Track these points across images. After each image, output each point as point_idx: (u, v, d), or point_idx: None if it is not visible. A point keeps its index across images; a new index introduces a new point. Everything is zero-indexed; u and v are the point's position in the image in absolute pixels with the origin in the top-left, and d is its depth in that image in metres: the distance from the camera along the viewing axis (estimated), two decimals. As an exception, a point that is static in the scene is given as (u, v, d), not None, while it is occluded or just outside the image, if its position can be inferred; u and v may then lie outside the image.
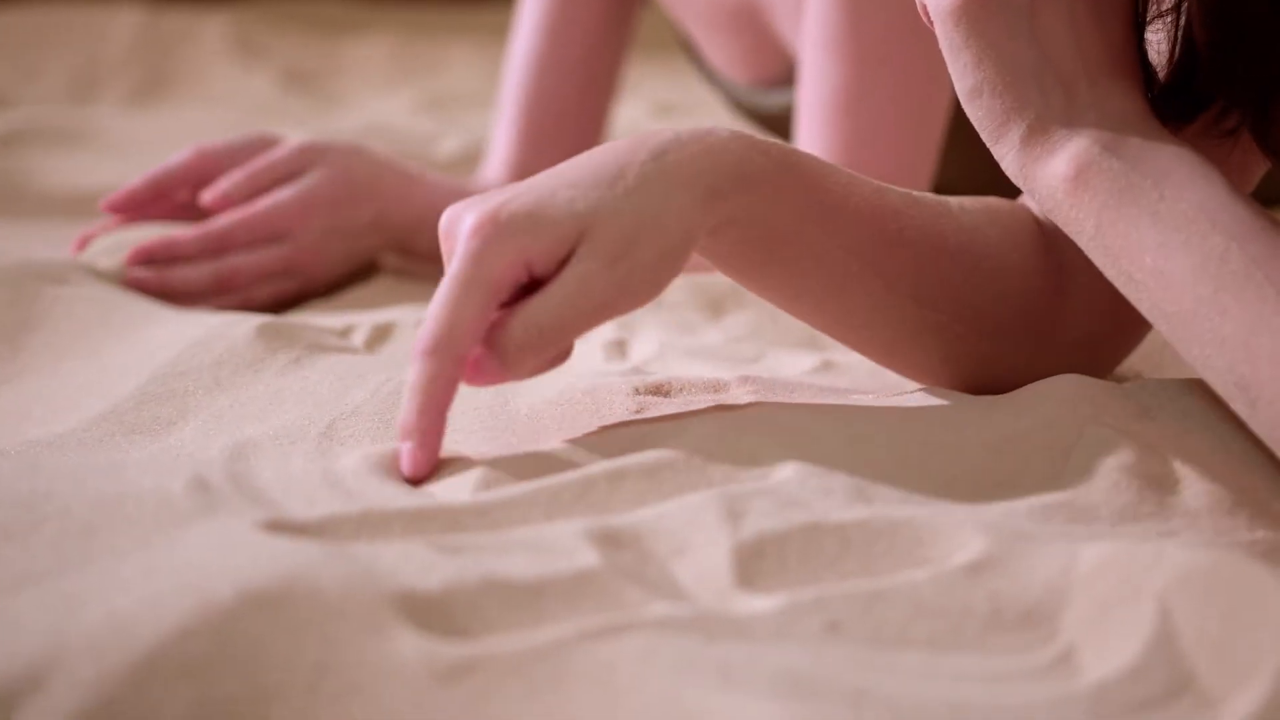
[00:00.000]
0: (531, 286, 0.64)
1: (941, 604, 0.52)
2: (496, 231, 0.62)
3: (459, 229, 0.64)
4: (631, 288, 0.64)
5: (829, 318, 0.73)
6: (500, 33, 2.60)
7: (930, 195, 0.74)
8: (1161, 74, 0.68)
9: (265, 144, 1.11)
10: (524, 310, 0.63)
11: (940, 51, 0.68)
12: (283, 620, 0.48)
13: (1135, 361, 0.88)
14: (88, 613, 0.48)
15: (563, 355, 0.67)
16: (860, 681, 0.47)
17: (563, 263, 0.63)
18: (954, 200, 0.75)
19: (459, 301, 0.62)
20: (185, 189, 1.10)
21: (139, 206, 1.09)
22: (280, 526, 0.56)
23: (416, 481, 0.63)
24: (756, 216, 0.67)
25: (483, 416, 0.72)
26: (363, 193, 1.09)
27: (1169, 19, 0.66)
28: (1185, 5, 0.65)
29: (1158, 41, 0.68)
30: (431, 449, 0.63)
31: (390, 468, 0.65)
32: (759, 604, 0.52)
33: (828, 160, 0.76)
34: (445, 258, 0.65)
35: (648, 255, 0.63)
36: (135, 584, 0.50)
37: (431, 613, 0.50)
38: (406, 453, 0.63)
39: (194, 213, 1.10)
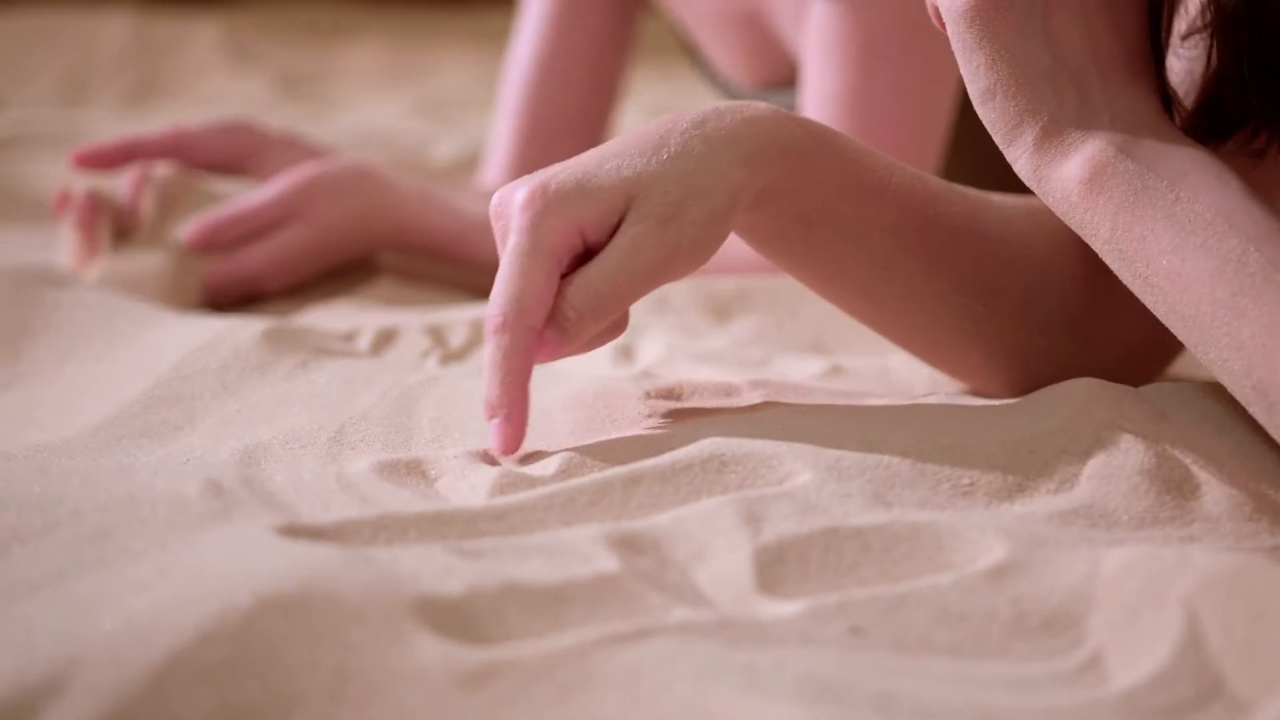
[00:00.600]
0: (585, 259, 0.65)
1: (965, 609, 0.51)
2: (547, 202, 0.64)
3: (510, 207, 0.65)
4: (683, 248, 0.65)
5: (868, 303, 0.74)
6: (492, 37, 2.59)
7: (970, 188, 0.75)
8: (1195, 92, 0.68)
9: (241, 130, 1.15)
10: (580, 277, 0.64)
11: (942, 50, 0.68)
12: (302, 625, 0.48)
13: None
14: (105, 617, 0.47)
15: (619, 326, 0.69)
16: (886, 687, 0.47)
17: (614, 230, 0.65)
18: (994, 195, 0.76)
19: (522, 272, 0.63)
20: (155, 160, 1.12)
21: (106, 165, 1.11)
22: (296, 530, 0.55)
23: (509, 455, 0.64)
24: (795, 189, 0.68)
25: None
26: (345, 242, 1.11)
27: (1203, 35, 0.66)
28: (1214, 23, 0.65)
29: (1190, 60, 0.68)
30: (520, 422, 0.64)
31: (402, 472, 0.64)
32: (781, 609, 0.51)
33: None
34: (498, 237, 0.66)
35: (697, 215, 0.65)
36: (152, 588, 0.49)
37: (452, 618, 0.50)
38: (496, 429, 0.64)
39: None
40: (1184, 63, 0.69)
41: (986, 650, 0.50)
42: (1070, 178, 0.64)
